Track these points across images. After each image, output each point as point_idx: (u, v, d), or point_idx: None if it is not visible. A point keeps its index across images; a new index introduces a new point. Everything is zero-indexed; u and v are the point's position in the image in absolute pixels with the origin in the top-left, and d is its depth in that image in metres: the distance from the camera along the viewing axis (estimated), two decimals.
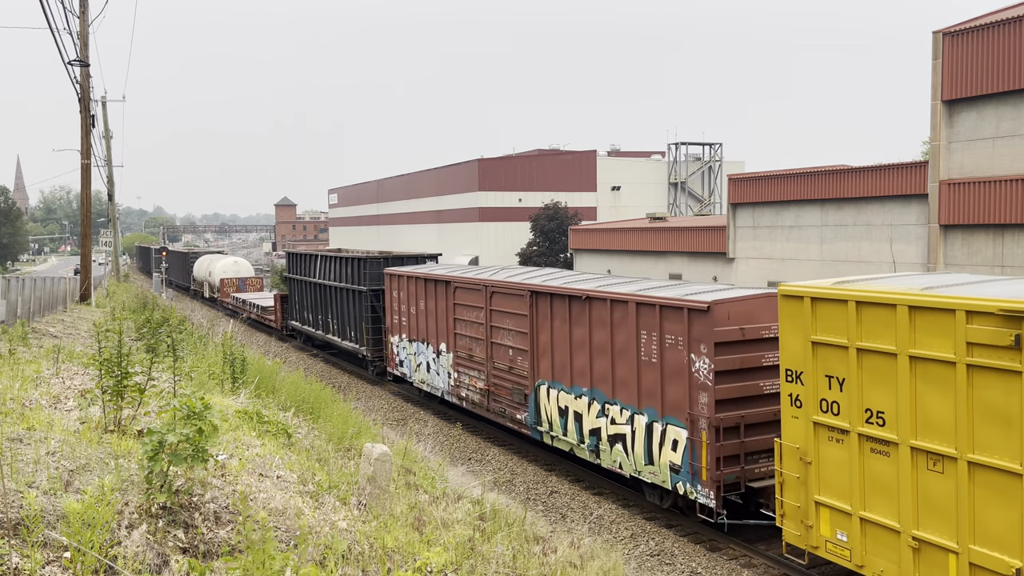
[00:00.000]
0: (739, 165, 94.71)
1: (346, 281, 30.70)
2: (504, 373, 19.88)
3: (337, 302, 32.22)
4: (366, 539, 6.26)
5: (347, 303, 30.92)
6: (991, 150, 37.99)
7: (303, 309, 37.08)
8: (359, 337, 29.94)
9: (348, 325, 30.98)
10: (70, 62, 25.84)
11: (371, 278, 28.88)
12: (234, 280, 56.29)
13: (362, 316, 29.40)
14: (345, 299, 31.05)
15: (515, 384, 19.40)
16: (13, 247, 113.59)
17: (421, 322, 24.21)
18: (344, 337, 31.74)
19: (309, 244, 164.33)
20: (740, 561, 13.57)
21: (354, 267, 29.95)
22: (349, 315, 30.88)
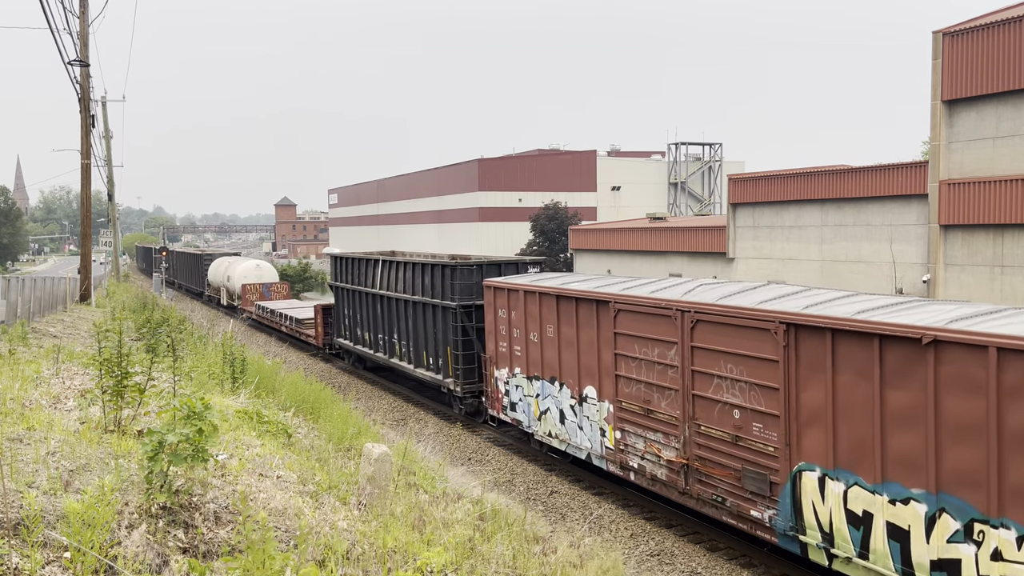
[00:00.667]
0: (739, 165, 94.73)
1: (422, 293, 24.43)
2: (723, 444, 13.34)
3: (407, 319, 25.80)
4: (366, 539, 6.27)
5: (423, 321, 24.57)
6: (991, 150, 37.99)
7: (356, 325, 30.32)
8: (441, 366, 23.76)
9: (424, 349, 24.75)
10: (70, 62, 25.84)
11: (462, 290, 22.67)
12: (257, 286, 49.31)
13: (446, 339, 23.14)
14: (420, 316, 24.73)
15: (748, 464, 12.83)
16: (13, 247, 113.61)
17: (550, 353, 18.05)
18: (418, 364, 25.41)
19: (309, 244, 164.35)
20: (740, 561, 13.57)
21: (435, 275, 23.69)
22: (426, 336, 24.52)
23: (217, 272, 56.67)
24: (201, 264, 63.26)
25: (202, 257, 64.84)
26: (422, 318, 24.71)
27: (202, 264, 62.84)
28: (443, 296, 23.20)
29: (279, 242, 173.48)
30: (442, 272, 23.32)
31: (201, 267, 62.86)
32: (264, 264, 54.10)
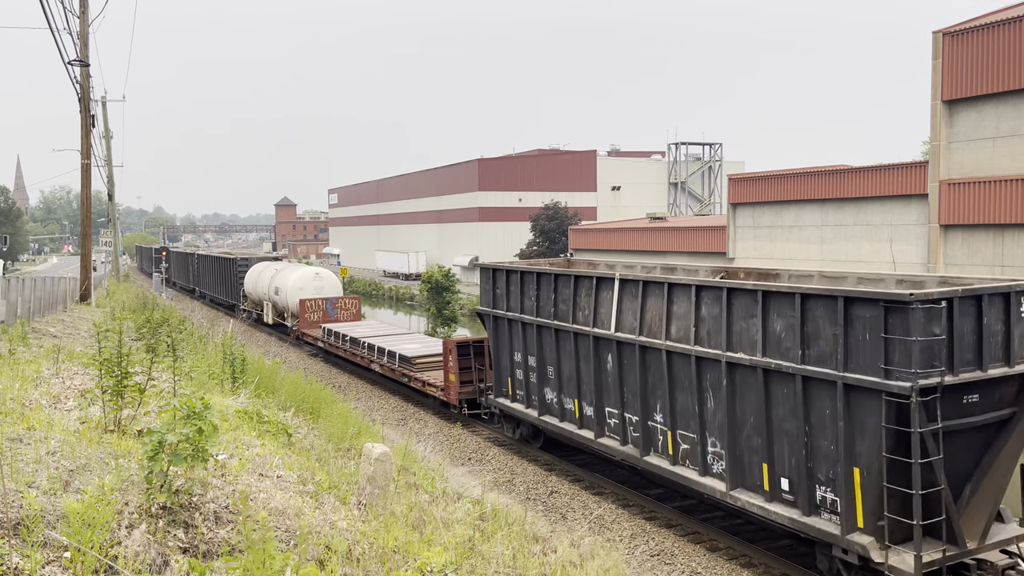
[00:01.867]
0: (739, 165, 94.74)
1: (802, 358, 11.74)
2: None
3: (690, 389, 13.86)
4: (366, 539, 6.27)
5: (787, 411, 12.10)
6: (991, 150, 37.98)
7: (545, 383, 18.42)
8: (844, 507, 11.23)
9: (774, 461, 12.45)
10: (70, 62, 25.85)
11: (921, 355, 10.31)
12: (319, 303, 36.86)
13: (866, 459, 11.02)
14: (782, 400, 12.16)
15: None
16: (13, 247, 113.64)
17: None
18: (744, 484, 13.09)
19: (309, 244, 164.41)
20: (740, 561, 13.58)
21: (852, 320, 11.00)
22: (786, 441, 12.18)
23: (259, 282, 44.27)
24: (233, 271, 50.29)
25: (234, 262, 50.71)
26: (787, 405, 12.07)
27: (234, 271, 49.94)
28: (878, 364, 10.60)
29: (279, 242, 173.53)
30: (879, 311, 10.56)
31: (233, 274, 50.30)
32: (324, 272, 40.51)
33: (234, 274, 50.06)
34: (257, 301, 45.24)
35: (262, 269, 45.01)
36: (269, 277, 42.44)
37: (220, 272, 55.13)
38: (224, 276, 53.74)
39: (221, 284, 54.94)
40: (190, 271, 69.66)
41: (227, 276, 52.51)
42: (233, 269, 50.57)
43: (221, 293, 54.73)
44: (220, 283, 55.23)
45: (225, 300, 53.15)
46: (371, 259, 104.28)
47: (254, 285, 45.08)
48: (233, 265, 50.80)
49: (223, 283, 54.18)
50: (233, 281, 50.39)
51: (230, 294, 51.29)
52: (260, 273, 44.61)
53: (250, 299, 46.41)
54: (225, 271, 53.45)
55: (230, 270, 51.55)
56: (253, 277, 45.44)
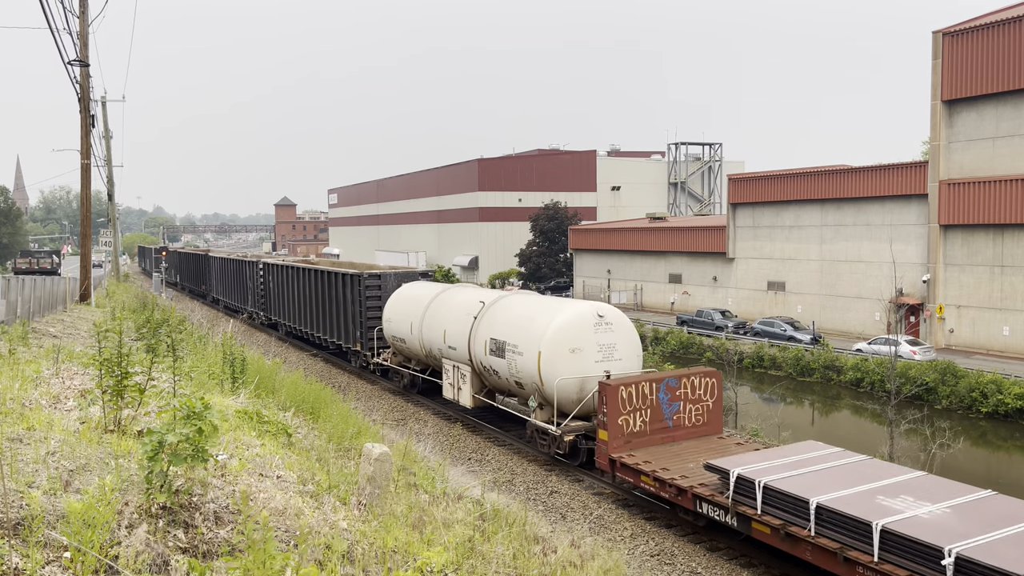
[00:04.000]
0: (739, 165, 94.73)
1: None
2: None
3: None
4: (366, 539, 6.27)
5: None
6: (991, 150, 37.97)
7: None
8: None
9: None
10: (70, 62, 25.84)
11: None
12: (646, 390, 17.22)
13: None
14: None
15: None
16: (13, 247, 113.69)
17: None
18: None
19: (309, 244, 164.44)
20: (740, 561, 13.58)
21: None
22: None
23: (430, 321, 24.49)
24: (354, 293, 30.19)
25: (354, 279, 30.20)
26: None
27: (356, 293, 29.97)
28: None
29: (279, 242, 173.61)
30: None
31: (355, 297, 30.13)
32: (609, 312, 19.88)
33: (354, 298, 30.07)
34: (426, 354, 24.81)
35: (436, 296, 24.75)
36: (465, 314, 22.49)
37: (324, 291, 33.24)
38: (328, 300, 32.69)
39: (318, 310, 33.79)
40: (208, 277, 57.74)
41: (335, 300, 31.98)
42: (354, 289, 30.09)
43: (314, 324, 34.31)
44: (317, 309, 33.91)
45: (314, 333, 34.55)
46: (371, 259, 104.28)
47: (414, 326, 24.99)
48: (354, 283, 30.13)
49: (320, 309, 33.56)
50: (348, 309, 30.70)
51: (343, 331, 31.33)
52: (434, 303, 24.38)
53: (401, 347, 26.71)
54: (332, 290, 32.28)
55: (342, 289, 31.14)
56: (409, 308, 25.52)
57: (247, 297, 46.16)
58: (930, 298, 40.39)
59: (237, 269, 48.73)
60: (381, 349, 29.36)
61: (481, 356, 21.51)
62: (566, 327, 19.00)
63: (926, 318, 40.68)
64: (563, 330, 18.93)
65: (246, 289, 46.43)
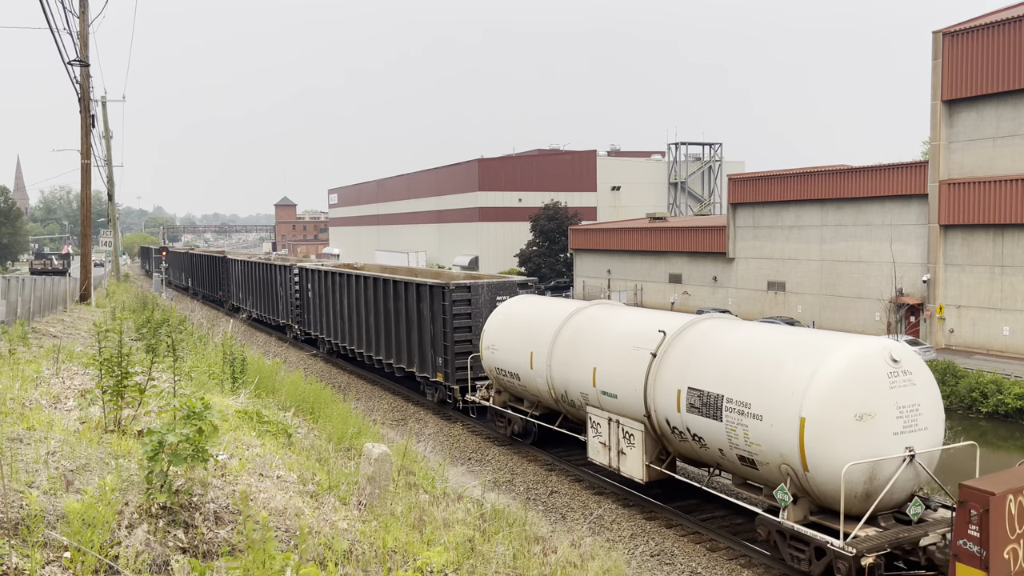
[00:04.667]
0: (739, 165, 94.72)
1: None
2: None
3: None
4: (366, 539, 6.26)
5: None
6: (991, 150, 37.96)
7: None
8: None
9: None
10: (70, 62, 25.84)
11: None
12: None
13: None
14: None
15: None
16: (13, 247, 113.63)
17: None
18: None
19: (309, 244, 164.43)
20: (740, 561, 13.57)
21: None
22: None
23: (568, 354, 17.85)
24: (436, 306, 24.10)
25: (441, 292, 23.84)
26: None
27: (443, 306, 23.71)
28: None
29: (279, 242, 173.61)
30: None
31: (437, 314, 24.13)
32: (906, 354, 12.43)
33: (435, 315, 23.91)
34: (538, 394, 19.21)
35: (569, 317, 18.43)
36: (632, 347, 15.94)
37: (379, 305, 27.72)
38: (395, 316, 26.58)
39: (382, 333, 27.71)
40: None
41: (405, 316, 25.88)
42: (435, 304, 23.95)
43: (383, 350, 27.59)
44: (377, 330, 28.03)
45: (389, 364, 27.30)
46: (371, 259, 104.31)
47: (537, 358, 18.77)
48: (434, 297, 23.99)
49: (389, 331, 27.15)
50: (424, 329, 24.69)
51: (416, 356, 25.41)
52: (569, 327, 18.22)
53: (503, 384, 20.66)
54: (394, 304, 26.53)
55: (416, 303, 25.12)
56: (526, 333, 19.48)
57: (277, 307, 39.92)
58: (930, 298, 40.38)
59: (265, 275, 42.02)
60: (477, 381, 22.37)
61: (669, 412, 14.32)
62: (847, 380, 11.93)
63: (926, 318, 40.67)
64: (842, 385, 11.89)
65: (275, 298, 40.15)
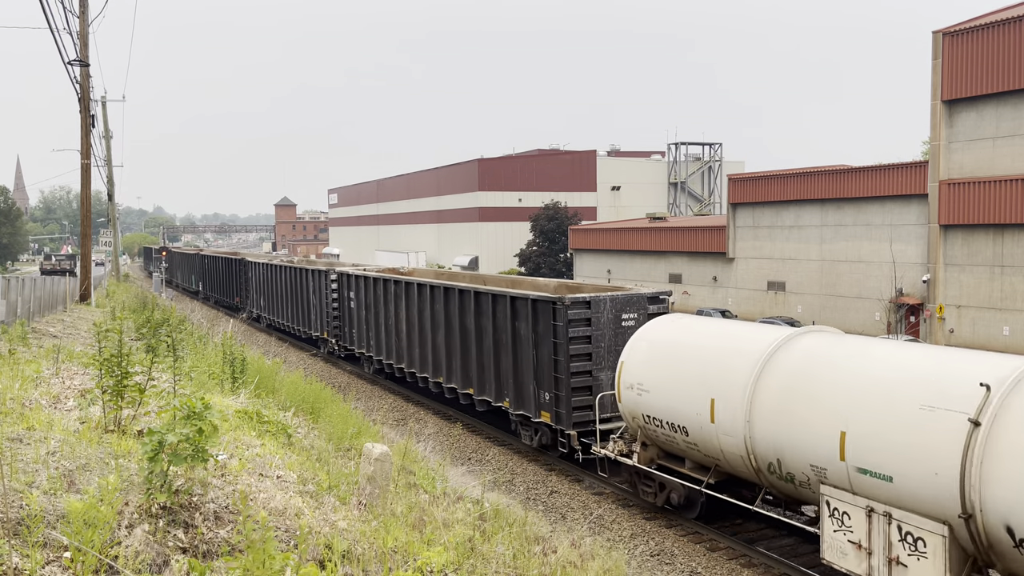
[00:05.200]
0: (739, 165, 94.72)
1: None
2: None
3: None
4: (366, 539, 6.26)
5: None
6: (991, 150, 37.96)
7: None
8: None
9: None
10: (70, 62, 25.84)
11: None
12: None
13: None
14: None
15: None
16: (13, 247, 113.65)
17: None
18: None
19: (309, 244, 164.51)
20: (740, 561, 13.57)
21: None
22: None
23: (786, 404, 12.19)
24: (542, 325, 18.56)
25: (550, 307, 18.20)
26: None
27: (555, 327, 18.07)
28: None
29: (279, 242, 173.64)
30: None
31: (543, 336, 18.58)
32: None
33: (539, 337, 18.81)
34: (727, 457, 13.44)
35: (775, 349, 12.90)
36: (925, 405, 10.25)
37: (447, 319, 22.99)
38: (474, 334, 21.63)
39: (451, 355, 23.01)
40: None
41: (488, 335, 21.02)
42: (540, 322, 18.79)
43: (455, 374, 22.79)
44: (447, 350, 23.18)
45: (468, 394, 22.23)
46: (371, 259, 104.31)
47: (725, 407, 13.22)
48: (539, 313, 18.80)
49: (462, 352, 22.31)
50: (521, 355, 19.69)
51: (508, 387, 20.22)
52: (781, 365, 12.64)
53: (656, 437, 15.04)
54: (472, 320, 21.63)
55: (510, 320, 19.87)
56: (696, 370, 14.05)
57: (308, 317, 35.67)
58: (930, 298, 40.38)
59: (294, 280, 37.40)
60: (607, 428, 16.84)
61: (1019, 516, 9.25)
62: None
63: (926, 318, 40.67)
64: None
65: (306, 306, 35.77)
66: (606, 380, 17.77)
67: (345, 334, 31.52)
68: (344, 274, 31.42)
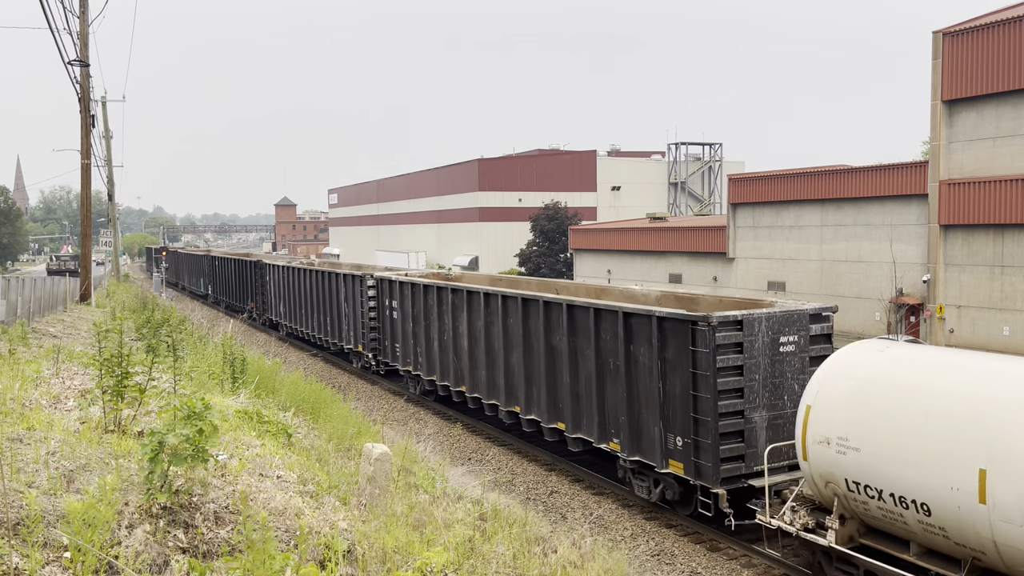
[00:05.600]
0: (739, 165, 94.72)
1: None
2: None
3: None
4: (366, 539, 6.26)
5: None
6: (991, 150, 37.97)
7: None
8: None
9: None
10: (70, 62, 25.84)
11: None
12: None
13: None
14: None
15: None
16: (13, 247, 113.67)
17: None
18: None
19: (309, 244, 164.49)
20: (740, 561, 13.57)
21: None
22: None
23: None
24: (675, 351, 14.75)
25: (689, 328, 14.29)
26: None
27: (696, 357, 14.21)
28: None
29: (279, 242, 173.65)
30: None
31: (677, 364, 14.73)
32: None
33: (673, 365, 14.91)
34: (966, 543, 9.88)
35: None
36: None
37: (536, 337, 18.87)
38: (568, 355, 17.73)
39: (541, 380, 18.73)
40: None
41: (591, 357, 16.96)
42: (672, 346, 14.92)
43: (544, 405, 18.65)
44: (538, 375, 18.85)
45: (561, 430, 18.16)
46: (371, 259, 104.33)
47: (1010, 487, 9.12)
48: (674, 334, 14.81)
49: (551, 378, 18.44)
50: (640, 383, 15.73)
51: (623, 422, 16.03)
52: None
53: (871, 513, 10.98)
54: (573, 339, 17.52)
55: (626, 343, 15.98)
56: (948, 422, 9.93)
57: (339, 327, 31.86)
58: (930, 298, 40.38)
59: (322, 286, 33.48)
60: (759, 484, 13.53)
61: None
62: None
63: (926, 318, 40.68)
64: None
65: (337, 315, 31.94)
66: (760, 423, 14.19)
67: (385, 348, 27.75)
68: (384, 280, 27.55)
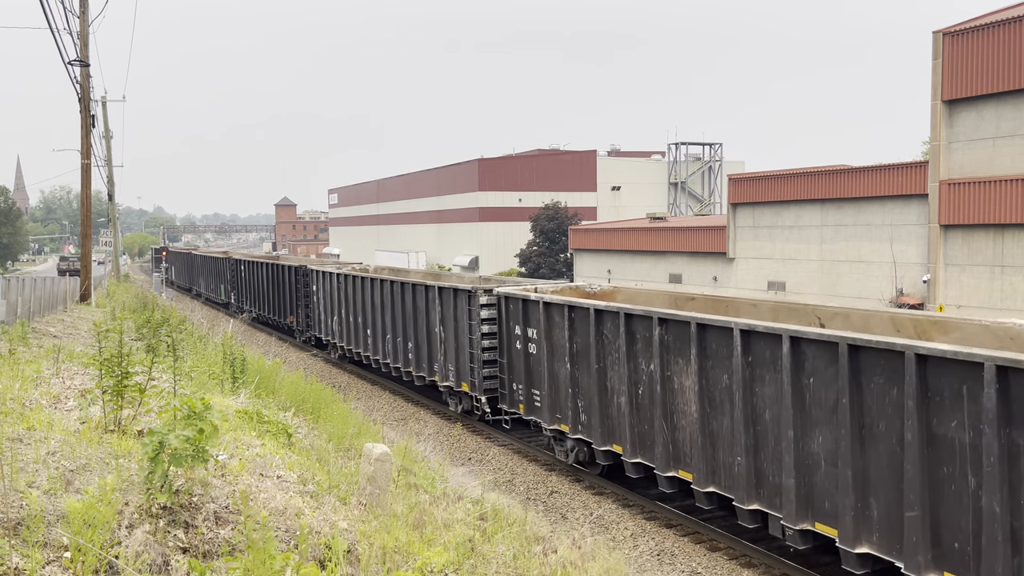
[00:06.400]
0: (739, 165, 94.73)
1: None
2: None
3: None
4: (366, 539, 6.26)
5: None
6: (991, 150, 37.98)
7: None
8: None
9: None
10: (70, 62, 25.85)
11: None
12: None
13: None
14: None
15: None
16: (13, 247, 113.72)
17: None
18: None
19: (309, 244, 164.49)
20: (740, 561, 13.57)
21: None
22: None
23: None
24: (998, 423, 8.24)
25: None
26: None
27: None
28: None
29: (279, 242, 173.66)
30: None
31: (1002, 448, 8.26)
32: None
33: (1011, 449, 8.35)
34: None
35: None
36: None
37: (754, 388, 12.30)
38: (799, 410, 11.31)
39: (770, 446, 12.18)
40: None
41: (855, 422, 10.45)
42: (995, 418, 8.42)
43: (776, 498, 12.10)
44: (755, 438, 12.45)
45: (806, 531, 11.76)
46: (371, 259, 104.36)
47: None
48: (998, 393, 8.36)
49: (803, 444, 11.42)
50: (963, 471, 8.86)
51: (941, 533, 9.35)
52: None
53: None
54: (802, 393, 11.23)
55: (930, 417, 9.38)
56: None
57: (430, 357, 23.78)
58: (930, 298, 40.39)
59: (400, 300, 25.19)
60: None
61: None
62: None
63: None
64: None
65: (426, 340, 23.74)
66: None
67: (513, 394, 19.42)
68: (510, 297, 18.98)
